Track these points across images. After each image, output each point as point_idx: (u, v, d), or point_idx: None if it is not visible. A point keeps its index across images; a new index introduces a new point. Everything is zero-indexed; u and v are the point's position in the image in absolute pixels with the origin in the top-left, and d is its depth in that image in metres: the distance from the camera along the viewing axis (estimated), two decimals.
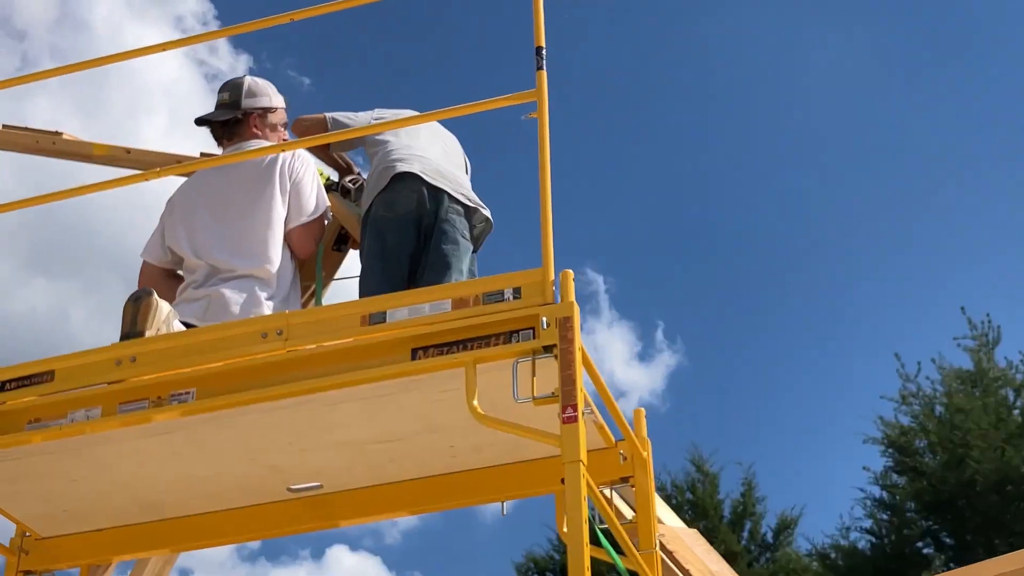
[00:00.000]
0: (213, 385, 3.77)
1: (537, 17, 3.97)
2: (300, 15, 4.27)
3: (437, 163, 4.90)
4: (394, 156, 4.85)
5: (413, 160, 4.82)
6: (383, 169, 4.84)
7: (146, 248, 4.87)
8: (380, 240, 4.74)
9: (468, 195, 4.88)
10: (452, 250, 4.72)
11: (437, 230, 4.74)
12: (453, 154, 5.14)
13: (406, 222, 4.74)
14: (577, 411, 3.36)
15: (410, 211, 4.74)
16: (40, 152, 5.50)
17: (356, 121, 5.07)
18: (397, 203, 4.75)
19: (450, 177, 4.88)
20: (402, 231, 4.73)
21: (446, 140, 5.19)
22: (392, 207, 4.75)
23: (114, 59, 4.60)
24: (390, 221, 4.75)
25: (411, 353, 3.63)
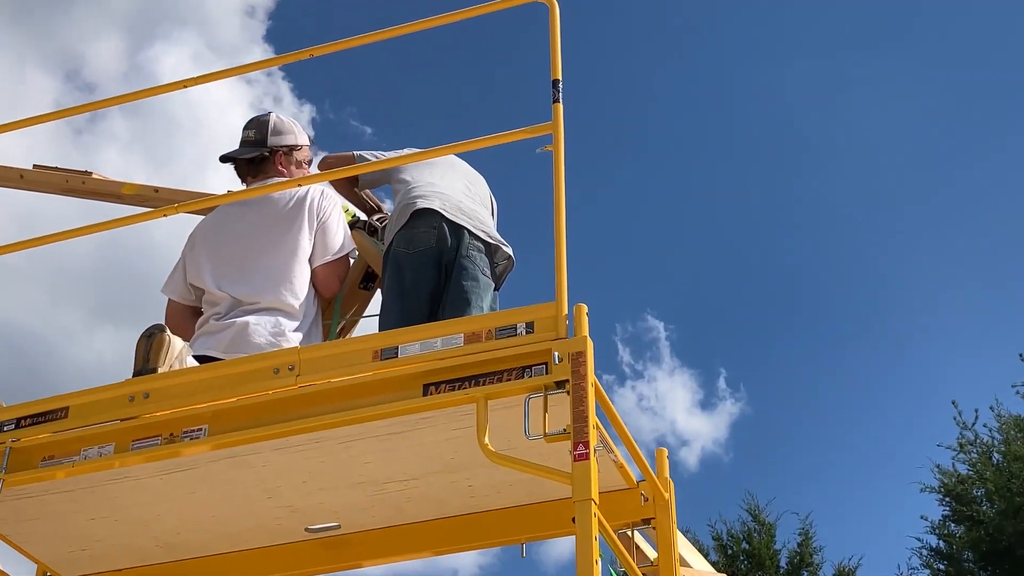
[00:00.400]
0: (225, 421, 3.73)
1: (554, 50, 3.93)
2: (319, 51, 4.26)
3: (458, 200, 4.86)
4: (415, 193, 4.82)
5: (433, 197, 4.78)
6: (404, 205, 4.81)
7: (167, 284, 4.84)
8: (399, 277, 4.70)
9: (489, 232, 4.84)
10: (472, 286, 4.66)
11: (457, 266, 4.70)
12: (476, 192, 5.09)
13: (426, 259, 4.69)
14: (589, 448, 3.28)
15: (430, 247, 4.70)
16: (70, 192, 5.51)
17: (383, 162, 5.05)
18: (417, 240, 4.71)
19: (471, 214, 4.83)
20: (421, 268, 4.69)
21: (470, 178, 5.15)
22: (412, 243, 4.71)
23: (151, 92, 4.60)
24: (409, 257, 4.71)
25: (423, 389, 3.57)
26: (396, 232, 4.76)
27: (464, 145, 4.40)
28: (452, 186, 4.94)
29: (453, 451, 3.84)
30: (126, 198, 5.43)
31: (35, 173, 5.58)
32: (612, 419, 3.72)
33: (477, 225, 4.80)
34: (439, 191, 4.84)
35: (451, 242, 4.72)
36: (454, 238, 4.72)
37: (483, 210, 5.00)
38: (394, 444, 3.81)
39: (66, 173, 5.50)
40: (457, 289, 4.67)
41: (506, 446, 3.48)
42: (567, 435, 3.32)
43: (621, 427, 3.79)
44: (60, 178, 5.51)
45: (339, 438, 3.76)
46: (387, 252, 4.78)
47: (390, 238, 4.79)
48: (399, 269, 4.72)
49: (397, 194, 4.93)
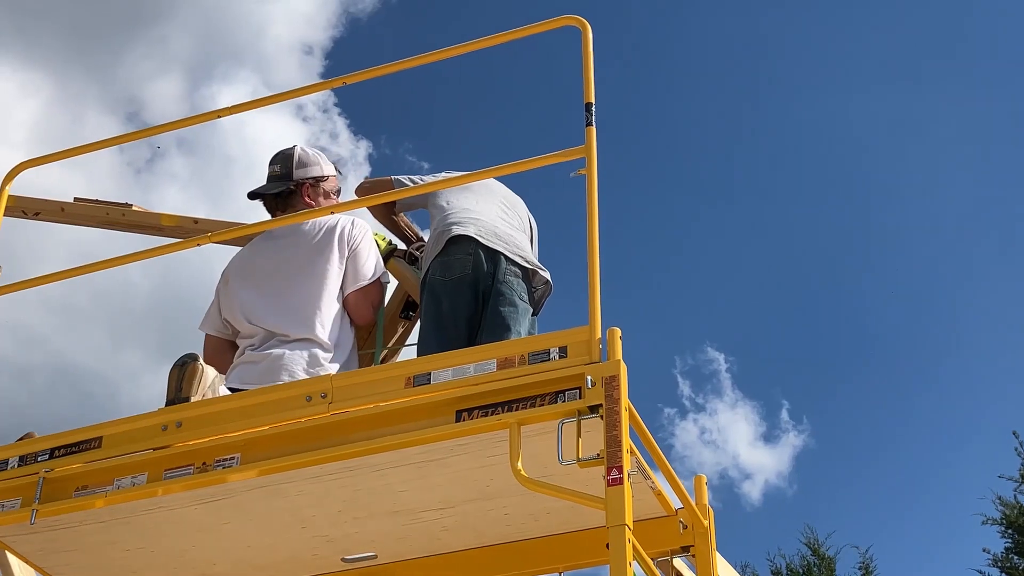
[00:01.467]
0: (257, 450, 3.71)
1: (587, 73, 3.90)
2: (352, 79, 4.25)
3: (494, 224, 4.83)
4: (450, 219, 4.79)
5: (468, 223, 4.75)
6: (439, 232, 4.78)
7: (205, 321, 4.83)
8: (436, 304, 4.68)
9: (526, 256, 4.80)
10: (510, 312, 4.63)
11: (495, 292, 4.66)
12: (514, 215, 5.06)
13: (462, 285, 4.66)
14: (622, 473, 3.22)
15: (466, 274, 4.67)
16: (111, 225, 5.54)
17: (421, 187, 5.03)
18: (453, 266, 4.69)
19: (507, 239, 4.80)
20: (458, 295, 4.65)
21: (508, 201, 5.12)
22: (448, 271, 4.69)
23: (182, 124, 4.62)
24: (445, 284, 4.68)
25: (456, 415, 3.52)
26: (432, 260, 4.74)
27: (498, 170, 4.37)
28: (488, 211, 4.91)
29: (488, 478, 3.79)
30: (166, 230, 5.46)
31: (76, 206, 5.62)
32: (648, 445, 3.66)
33: (513, 250, 4.76)
34: (474, 217, 4.81)
35: (487, 268, 4.68)
36: (491, 264, 4.69)
37: (520, 234, 4.96)
38: (428, 471, 3.77)
39: (106, 206, 5.53)
40: (495, 315, 4.63)
41: (541, 472, 3.43)
42: (600, 460, 3.26)
43: (658, 453, 3.73)
44: (100, 211, 5.55)
45: (373, 466, 3.73)
46: (424, 280, 4.76)
47: (426, 266, 4.77)
48: (436, 297, 4.69)
49: (433, 220, 4.91)
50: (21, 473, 3.91)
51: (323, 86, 4.32)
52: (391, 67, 4.23)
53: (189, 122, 4.52)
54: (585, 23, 4.01)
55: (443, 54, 4.20)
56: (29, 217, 5.79)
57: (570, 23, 4.05)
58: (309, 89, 4.47)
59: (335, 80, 4.28)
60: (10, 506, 3.87)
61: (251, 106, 4.51)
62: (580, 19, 4.03)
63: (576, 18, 4.04)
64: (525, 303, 4.71)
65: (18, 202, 5.57)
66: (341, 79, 4.27)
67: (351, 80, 4.26)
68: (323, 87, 4.31)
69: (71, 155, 4.47)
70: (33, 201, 5.74)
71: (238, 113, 4.35)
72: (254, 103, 4.49)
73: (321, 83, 4.32)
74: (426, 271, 4.76)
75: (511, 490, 3.74)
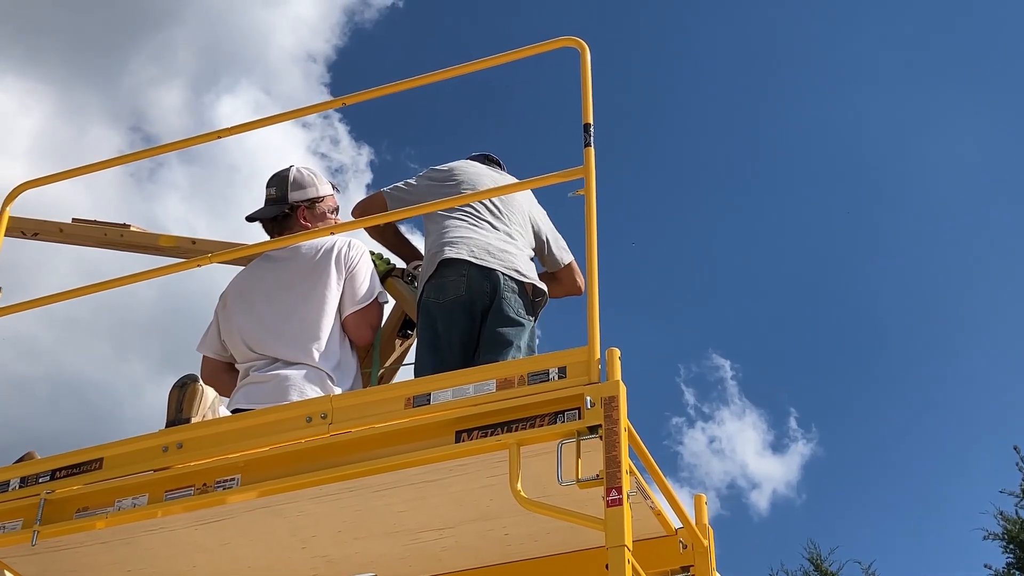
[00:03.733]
0: (258, 471, 3.71)
1: (585, 93, 3.92)
2: (351, 99, 4.27)
3: (486, 242, 4.82)
4: (444, 239, 4.80)
5: (460, 244, 4.75)
6: (432, 254, 4.80)
7: (203, 342, 4.85)
8: (431, 327, 4.69)
9: (521, 271, 4.79)
10: (509, 329, 4.64)
11: (493, 309, 4.67)
12: (509, 220, 4.99)
13: (456, 307, 4.67)
14: (622, 494, 3.23)
15: (460, 295, 4.68)
16: (109, 245, 5.55)
17: (414, 189, 5.03)
18: (446, 288, 4.70)
19: (500, 255, 4.79)
20: (452, 316, 4.67)
21: (501, 205, 5.06)
22: (442, 292, 4.70)
23: (186, 143, 4.64)
24: (440, 307, 4.69)
25: (455, 435, 3.53)
26: (426, 282, 4.75)
27: (498, 190, 4.39)
28: (479, 227, 4.89)
29: (488, 499, 3.79)
30: (164, 250, 5.47)
31: (74, 227, 5.63)
32: (648, 465, 3.67)
33: (508, 266, 4.76)
34: (466, 235, 4.80)
35: (484, 287, 4.69)
36: (486, 282, 4.70)
37: (515, 247, 4.91)
38: (428, 492, 3.77)
39: (104, 226, 5.54)
40: (494, 333, 4.64)
41: (541, 493, 3.44)
42: (600, 481, 3.27)
43: (657, 473, 3.74)
44: (99, 231, 5.56)
45: (373, 486, 3.73)
46: (418, 301, 4.77)
47: (421, 287, 4.78)
48: (431, 319, 4.70)
49: (428, 236, 4.92)
50: (22, 495, 3.91)
51: (324, 106, 4.37)
52: (391, 88, 4.26)
53: (190, 142, 4.54)
54: (583, 44, 4.03)
55: (443, 75, 4.22)
56: (28, 237, 5.80)
57: (568, 44, 4.07)
58: (310, 109, 4.49)
59: (335, 101, 4.33)
60: (11, 527, 3.88)
61: (252, 127, 4.52)
62: (578, 40, 4.05)
63: (574, 39, 4.06)
64: (525, 317, 4.72)
65: (17, 222, 5.58)
66: (341, 100, 4.31)
67: (351, 101, 4.28)
68: (324, 107, 4.35)
69: (72, 176, 4.49)
70: (32, 221, 5.75)
71: (239, 133, 4.36)
72: (255, 123, 4.51)
73: (322, 104, 4.38)
74: (421, 292, 4.77)
75: (511, 510, 3.74)
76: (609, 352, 3.46)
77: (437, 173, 5.12)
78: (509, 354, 4.59)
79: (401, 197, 5.03)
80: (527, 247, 5.05)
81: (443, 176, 5.09)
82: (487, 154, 5.36)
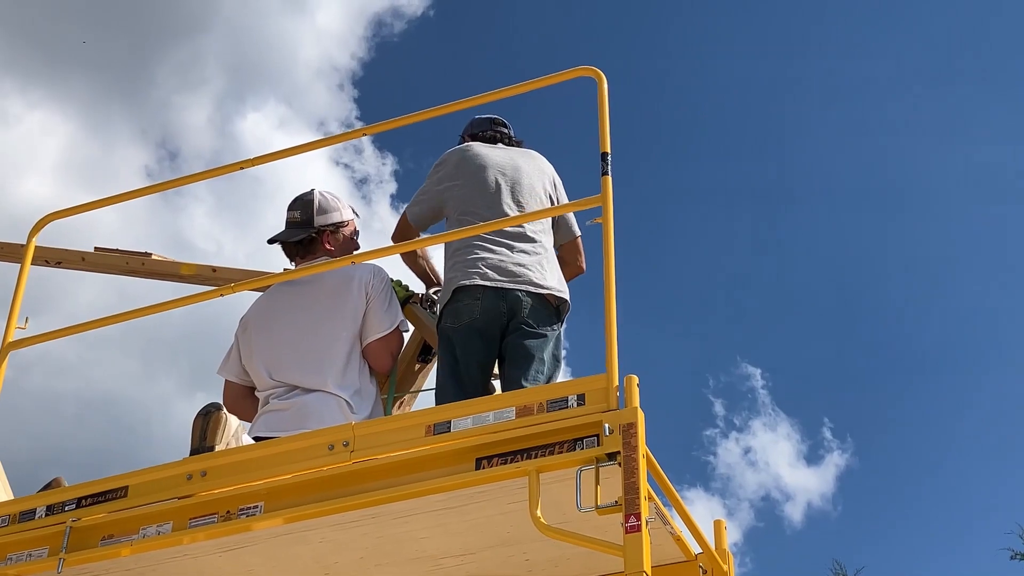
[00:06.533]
0: (281, 498, 3.75)
1: (602, 122, 3.97)
2: (371, 130, 4.35)
3: (499, 259, 4.77)
4: (459, 264, 4.77)
5: (473, 270, 4.72)
6: (447, 280, 4.80)
7: (224, 366, 4.88)
8: (450, 352, 4.71)
9: (539, 283, 4.76)
10: (530, 341, 4.66)
11: (512, 326, 4.68)
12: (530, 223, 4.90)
13: (471, 331, 4.67)
14: (640, 520, 3.26)
15: (474, 319, 4.67)
16: (131, 273, 5.62)
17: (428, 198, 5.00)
18: (461, 313, 4.69)
19: (516, 272, 4.75)
20: (468, 340, 4.67)
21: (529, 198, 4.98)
22: (457, 317, 4.70)
23: (214, 173, 4.69)
24: (457, 331, 4.70)
25: (476, 463, 3.57)
26: (443, 307, 4.77)
27: (517, 219, 4.43)
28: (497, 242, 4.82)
29: (509, 525, 3.83)
30: (186, 278, 5.53)
31: (96, 256, 5.69)
32: (667, 491, 3.70)
33: (525, 281, 4.74)
34: (481, 257, 4.74)
35: (500, 307, 4.68)
36: (502, 303, 4.68)
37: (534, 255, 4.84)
38: (449, 519, 3.81)
39: (126, 255, 5.61)
40: (517, 347, 4.66)
41: (560, 519, 3.47)
42: (619, 507, 3.30)
43: (676, 499, 3.77)
44: (121, 260, 5.62)
45: (394, 513, 3.76)
46: (438, 326, 4.80)
47: (440, 311, 4.81)
48: (449, 344, 4.72)
49: (447, 254, 4.86)
50: (48, 522, 3.96)
51: (343, 137, 4.41)
52: (413, 117, 4.32)
53: (214, 173, 4.60)
54: (600, 74, 4.07)
55: (464, 104, 4.28)
56: (51, 265, 5.87)
57: (586, 74, 4.12)
58: (332, 140, 4.56)
59: (355, 132, 4.37)
60: (37, 555, 3.92)
61: (276, 157, 4.57)
62: (596, 70, 4.09)
63: (592, 69, 4.11)
64: (547, 328, 4.72)
65: (40, 252, 5.65)
66: (360, 131, 4.37)
67: (369, 132, 4.35)
68: (344, 139, 4.41)
69: (95, 207, 4.56)
70: (55, 251, 5.82)
71: (262, 164, 4.42)
72: (279, 154, 4.56)
73: (342, 135, 4.42)
74: (440, 317, 4.79)
75: (531, 537, 3.77)
76: (627, 379, 3.50)
77: (444, 171, 5.03)
78: (532, 367, 4.62)
79: (419, 213, 5.00)
80: (547, 239, 4.98)
81: (451, 173, 5.01)
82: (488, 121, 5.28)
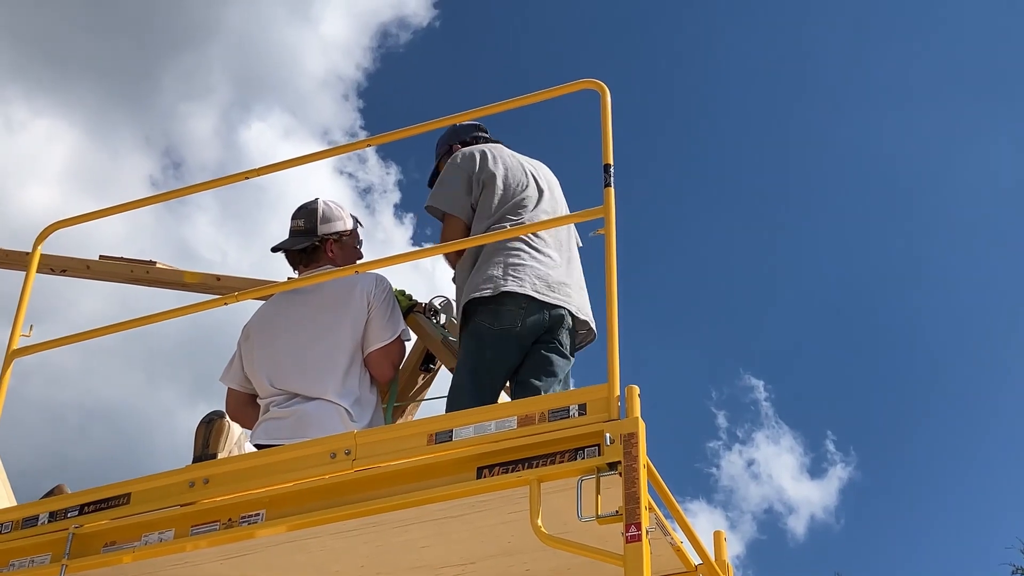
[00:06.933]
0: (282, 506, 3.77)
1: (605, 135, 3.99)
2: (375, 141, 4.36)
3: (547, 273, 4.75)
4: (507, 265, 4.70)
5: (523, 276, 4.68)
6: (489, 277, 4.68)
7: (226, 374, 4.90)
8: (479, 351, 4.65)
9: (577, 307, 4.79)
10: (558, 359, 4.68)
11: (546, 339, 4.68)
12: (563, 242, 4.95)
13: (508, 337, 4.64)
14: (641, 530, 3.27)
15: (514, 326, 4.63)
16: (135, 281, 5.64)
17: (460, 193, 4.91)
18: (503, 316, 4.64)
19: (560, 290, 4.76)
20: (504, 345, 4.63)
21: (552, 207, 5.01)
22: (497, 319, 4.64)
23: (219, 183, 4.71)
24: (493, 334, 4.64)
25: (477, 472, 3.58)
26: (481, 302, 4.66)
27: (520, 229, 4.45)
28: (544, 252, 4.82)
29: (510, 534, 3.84)
30: (189, 286, 5.56)
31: (101, 264, 5.72)
32: (667, 501, 3.71)
33: (567, 303, 4.75)
34: (528, 264, 4.73)
35: (542, 320, 4.67)
36: (544, 316, 4.68)
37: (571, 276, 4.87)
38: (450, 528, 3.82)
39: (131, 263, 5.63)
40: (544, 360, 4.67)
41: (561, 529, 3.48)
42: (619, 517, 3.31)
43: (676, 509, 3.78)
44: (125, 268, 5.65)
45: (395, 522, 3.78)
46: (466, 321, 4.71)
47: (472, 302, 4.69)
48: (481, 343, 4.65)
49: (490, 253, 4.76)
50: (51, 529, 3.98)
51: (350, 148, 4.44)
52: (417, 129, 4.33)
53: (219, 183, 4.62)
54: (604, 87, 4.09)
55: (467, 116, 4.31)
56: (56, 273, 5.90)
57: (589, 87, 4.14)
58: (338, 150, 4.57)
59: (360, 143, 4.40)
60: (40, 561, 3.94)
61: (282, 167, 4.59)
62: (599, 83, 4.12)
63: (595, 82, 4.13)
64: (570, 355, 4.75)
65: (45, 259, 5.67)
66: (365, 142, 4.39)
67: (375, 143, 4.36)
68: (348, 149, 4.42)
69: (101, 216, 4.59)
70: (60, 259, 5.85)
71: (267, 174, 4.45)
72: (284, 164, 4.58)
73: (347, 145, 4.45)
74: (471, 311, 4.68)
75: (532, 546, 3.78)
76: (629, 389, 3.51)
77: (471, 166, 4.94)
78: (551, 385, 4.64)
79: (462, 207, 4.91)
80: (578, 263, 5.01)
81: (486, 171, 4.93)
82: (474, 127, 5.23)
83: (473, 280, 4.75)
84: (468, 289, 4.74)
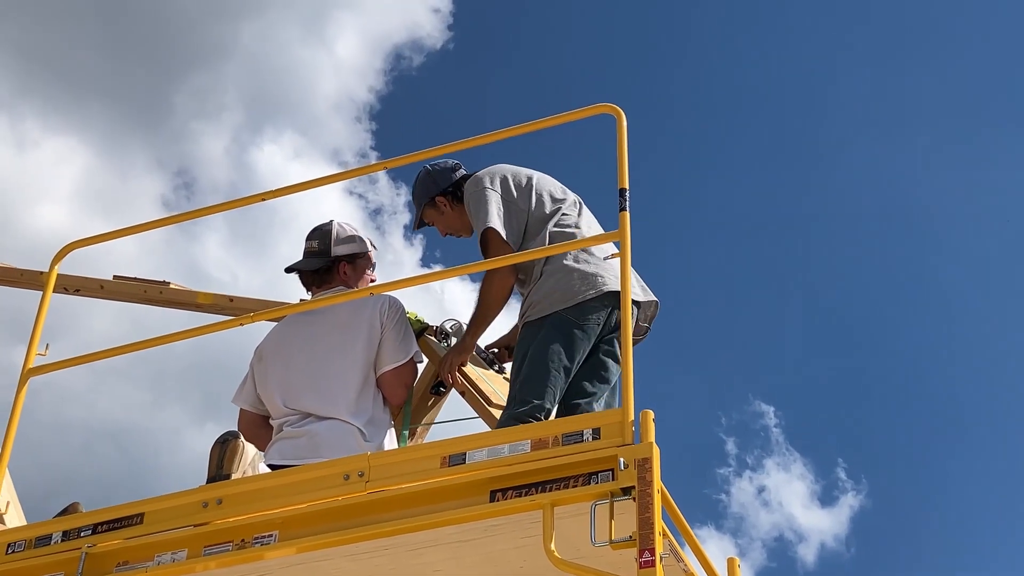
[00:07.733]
0: (295, 528, 3.77)
1: (621, 159, 4.00)
2: (392, 163, 4.38)
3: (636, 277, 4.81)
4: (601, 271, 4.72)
5: (609, 276, 4.68)
6: (594, 276, 4.69)
7: (238, 395, 4.90)
8: (563, 336, 4.61)
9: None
10: (615, 367, 4.70)
11: (612, 338, 4.72)
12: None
13: (589, 334, 4.65)
14: (655, 555, 3.26)
15: (598, 324, 4.66)
16: (148, 301, 5.66)
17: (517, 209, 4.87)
18: (587, 310, 4.64)
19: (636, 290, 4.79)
20: (582, 340, 4.64)
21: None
22: (582, 314, 4.63)
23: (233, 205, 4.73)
24: (575, 324, 4.63)
25: (490, 495, 3.58)
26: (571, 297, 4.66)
27: (534, 252, 4.46)
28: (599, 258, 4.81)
29: (522, 558, 3.83)
30: (203, 307, 5.57)
31: (115, 284, 5.74)
32: (681, 527, 3.70)
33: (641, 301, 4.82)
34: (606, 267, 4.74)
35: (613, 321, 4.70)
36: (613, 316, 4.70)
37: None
38: (463, 551, 3.81)
39: (144, 283, 5.65)
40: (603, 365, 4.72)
41: (574, 554, 3.47)
42: (633, 542, 3.31)
43: (690, 535, 3.77)
44: (139, 288, 5.67)
45: (408, 545, 3.77)
46: (548, 313, 4.66)
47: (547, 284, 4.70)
48: (564, 331, 4.62)
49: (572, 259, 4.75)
50: (64, 548, 3.98)
51: (364, 171, 4.49)
52: (433, 151, 4.35)
53: (233, 205, 4.64)
54: (620, 111, 4.11)
55: (483, 139, 4.32)
56: (70, 293, 5.92)
57: (605, 111, 4.16)
58: (352, 173, 4.60)
59: (377, 164, 4.41)
60: None
61: (296, 189, 4.62)
62: (615, 107, 4.13)
63: (611, 106, 4.15)
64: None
65: (60, 279, 5.68)
66: (382, 164, 4.41)
67: (392, 165, 4.38)
68: (365, 171, 4.45)
69: (117, 236, 4.60)
70: (74, 279, 5.87)
71: (284, 195, 4.47)
72: (299, 186, 4.60)
73: (363, 168, 4.46)
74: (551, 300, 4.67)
75: (544, 571, 3.76)
76: (643, 414, 3.51)
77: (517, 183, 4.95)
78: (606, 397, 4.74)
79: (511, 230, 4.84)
80: None
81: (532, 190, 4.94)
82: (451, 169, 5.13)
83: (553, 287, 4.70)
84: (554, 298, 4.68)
